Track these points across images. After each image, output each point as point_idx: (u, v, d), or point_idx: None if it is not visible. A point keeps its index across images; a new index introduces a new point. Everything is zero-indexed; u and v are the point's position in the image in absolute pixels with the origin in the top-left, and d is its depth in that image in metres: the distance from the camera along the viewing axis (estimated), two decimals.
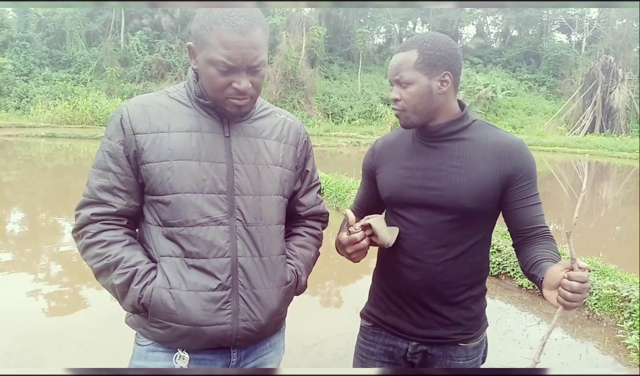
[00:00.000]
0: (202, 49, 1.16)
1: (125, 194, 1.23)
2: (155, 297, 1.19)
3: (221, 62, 1.14)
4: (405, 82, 1.34)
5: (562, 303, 1.11)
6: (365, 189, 1.61)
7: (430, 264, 1.38)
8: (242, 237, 1.24)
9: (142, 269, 1.20)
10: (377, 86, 36.08)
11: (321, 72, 36.27)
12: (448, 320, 1.43)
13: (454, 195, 1.35)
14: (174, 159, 1.20)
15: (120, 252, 1.20)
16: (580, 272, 1.08)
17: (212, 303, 1.20)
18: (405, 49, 1.35)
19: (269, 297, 1.28)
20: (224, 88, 1.17)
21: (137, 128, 1.21)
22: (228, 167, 1.24)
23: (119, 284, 1.19)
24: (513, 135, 1.42)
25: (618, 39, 34.77)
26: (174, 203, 1.20)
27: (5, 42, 32.24)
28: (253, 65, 1.17)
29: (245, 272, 1.24)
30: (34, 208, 8.27)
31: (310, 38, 33.70)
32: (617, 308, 3.82)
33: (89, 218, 1.22)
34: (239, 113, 1.24)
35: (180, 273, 1.20)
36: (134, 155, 1.21)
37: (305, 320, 3.75)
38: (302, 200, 1.45)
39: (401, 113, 1.38)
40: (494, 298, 4.38)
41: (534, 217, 1.36)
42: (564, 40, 43.87)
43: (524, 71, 40.12)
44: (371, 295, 1.60)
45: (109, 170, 1.22)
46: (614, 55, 32.61)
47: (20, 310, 3.78)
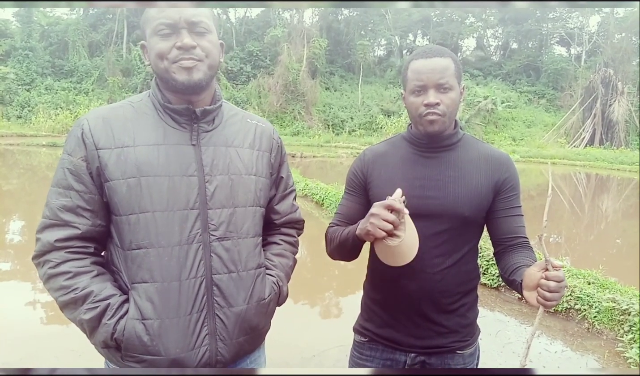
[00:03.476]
0: (146, 30, 1.17)
1: (89, 213, 1.14)
2: (128, 331, 1.11)
3: (160, 23, 1.13)
4: (448, 87, 1.33)
5: (541, 303, 1.16)
6: (353, 201, 1.54)
7: (429, 273, 1.38)
8: (217, 253, 1.18)
9: (114, 303, 1.12)
10: (377, 98, 36.20)
11: (322, 84, 36.42)
12: (446, 328, 1.44)
13: (453, 204, 1.37)
14: (141, 175, 1.12)
15: (89, 285, 1.11)
16: (555, 272, 1.14)
17: (189, 329, 1.15)
18: (441, 55, 1.35)
19: (248, 313, 1.23)
20: (167, 52, 1.13)
21: (100, 143, 1.13)
22: (199, 180, 1.17)
23: (89, 319, 1.10)
24: (499, 149, 1.50)
25: (617, 52, 34.94)
26: (142, 222, 1.12)
27: (8, 51, 32.42)
28: (193, 21, 1.14)
29: (221, 290, 1.18)
30: (34, 217, 8.26)
31: (312, 50, 33.89)
32: (617, 321, 3.81)
33: (51, 245, 1.12)
34: (189, 82, 1.15)
35: (152, 301, 1.13)
36: (97, 171, 1.13)
37: (305, 332, 3.74)
38: (277, 208, 1.40)
39: (439, 118, 1.34)
40: (494, 311, 4.36)
41: (517, 227, 1.43)
42: (564, 53, 44.12)
43: (524, 84, 40.28)
44: (363, 309, 1.58)
45: (70, 189, 1.13)
46: (613, 69, 32.74)
47: (18, 319, 3.77)
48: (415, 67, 1.35)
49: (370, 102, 35.44)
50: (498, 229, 1.44)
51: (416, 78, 1.34)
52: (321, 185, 9.75)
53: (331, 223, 1.59)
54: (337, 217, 1.58)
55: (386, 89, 37.50)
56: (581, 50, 41.79)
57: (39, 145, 20.73)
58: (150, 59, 1.18)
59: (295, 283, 1.51)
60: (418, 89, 1.34)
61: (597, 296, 4.06)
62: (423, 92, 1.34)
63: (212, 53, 1.18)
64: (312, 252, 6.34)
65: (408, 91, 1.38)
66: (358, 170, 1.53)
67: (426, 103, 1.33)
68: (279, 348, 2.93)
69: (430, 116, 1.34)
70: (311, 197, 9.58)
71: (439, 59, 1.34)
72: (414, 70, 1.35)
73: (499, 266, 1.46)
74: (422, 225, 1.38)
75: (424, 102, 1.33)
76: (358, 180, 1.52)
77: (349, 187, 1.56)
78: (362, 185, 1.51)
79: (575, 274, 4.67)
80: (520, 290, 1.27)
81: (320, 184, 9.92)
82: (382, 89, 37.54)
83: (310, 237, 7.44)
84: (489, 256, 4.97)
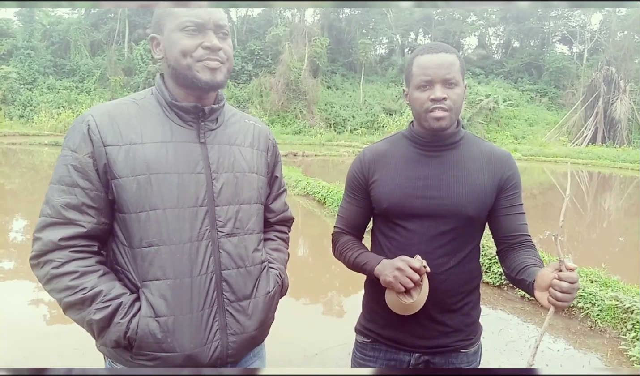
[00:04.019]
0: (166, 24, 1.16)
1: (95, 211, 1.12)
2: (142, 328, 1.11)
3: (188, 20, 1.14)
4: (454, 83, 1.33)
5: (552, 303, 1.16)
6: (354, 205, 1.53)
7: (433, 273, 1.37)
8: (225, 249, 1.20)
9: (126, 301, 1.11)
10: (379, 96, 36.17)
11: (323, 82, 36.41)
12: (450, 327, 1.44)
13: (457, 204, 1.37)
14: (151, 173, 1.12)
15: (97, 284, 1.09)
16: (569, 273, 1.15)
17: (201, 324, 1.16)
18: (447, 51, 1.34)
19: (256, 307, 1.26)
20: (193, 50, 1.15)
21: (108, 139, 1.11)
22: (207, 178, 1.19)
23: (99, 319, 1.09)
24: (501, 147, 1.50)
25: (619, 50, 34.83)
26: (153, 220, 1.12)
27: (10, 51, 32.48)
28: (220, 23, 1.17)
29: (230, 285, 1.20)
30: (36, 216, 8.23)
31: (313, 48, 33.87)
32: (620, 320, 3.80)
33: (55, 244, 1.09)
34: (213, 82, 1.17)
35: (165, 298, 1.13)
36: (104, 168, 1.11)
37: (307, 330, 3.74)
38: (272, 206, 1.43)
39: (446, 113, 1.33)
40: (496, 309, 4.36)
41: (519, 224, 1.43)
42: (566, 52, 44.01)
43: (526, 82, 40.19)
44: (365, 309, 1.58)
45: (75, 186, 1.10)
46: (615, 67, 32.65)
47: (21, 318, 3.78)
48: (421, 62, 1.34)
49: (372, 101, 35.43)
50: (501, 227, 1.44)
51: (422, 73, 1.33)
52: (323, 184, 9.75)
53: (336, 227, 1.59)
54: (340, 222, 1.57)
55: (388, 87, 37.47)
56: (583, 48, 41.70)
57: (41, 144, 20.77)
58: (167, 53, 1.18)
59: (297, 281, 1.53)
60: (424, 84, 1.33)
61: (599, 295, 4.05)
62: (430, 87, 1.33)
63: (231, 57, 1.22)
64: (314, 251, 6.34)
65: (413, 86, 1.36)
66: (358, 172, 1.50)
67: (432, 98, 1.31)
68: (281, 347, 2.93)
69: (437, 112, 1.32)
70: (313, 195, 9.58)
71: (445, 55, 1.33)
72: (420, 65, 1.34)
73: (503, 264, 1.46)
74: (426, 225, 1.39)
75: (430, 97, 1.32)
76: (358, 182, 1.50)
77: (350, 189, 1.54)
78: (363, 187, 1.49)
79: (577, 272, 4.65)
80: (531, 290, 1.26)
81: (322, 183, 9.91)
82: (384, 87, 37.50)
83: (312, 235, 7.46)
84: (491, 254, 4.96)
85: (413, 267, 1.27)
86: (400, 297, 1.30)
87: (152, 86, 1.26)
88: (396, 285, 1.28)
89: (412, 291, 1.30)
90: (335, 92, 37.11)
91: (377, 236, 1.51)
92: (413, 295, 1.29)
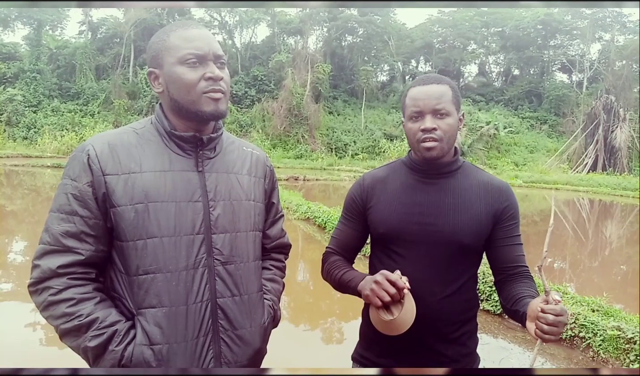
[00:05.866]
0: (165, 58, 1.18)
1: (93, 239, 1.13)
2: (136, 356, 1.11)
3: (189, 54, 1.15)
4: (445, 113, 1.35)
5: (539, 335, 1.16)
6: (350, 227, 1.55)
7: (429, 301, 1.37)
8: (221, 276, 1.20)
9: (121, 329, 1.12)
10: (380, 122, 36.44)
11: (325, 108, 36.74)
12: (446, 357, 1.42)
13: (451, 231, 1.37)
14: (149, 201, 1.13)
15: (93, 311, 1.10)
16: (553, 305, 1.14)
17: (195, 353, 1.16)
18: (438, 82, 1.38)
19: (251, 336, 1.25)
20: (197, 82, 1.16)
21: (107, 168, 1.13)
22: (204, 206, 1.19)
23: (94, 346, 1.09)
24: (499, 178, 1.51)
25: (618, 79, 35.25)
26: (150, 248, 1.13)
27: (16, 73, 32.89)
28: (218, 54, 1.19)
29: (226, 313, 1.20)
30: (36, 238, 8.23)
31: (315, 74, 34.27)
32: (623, 350, 3.75)
33: (53, 271, 1.10)
34: (216, 113, 1.19)
35: (160, 326, 1.13)
36: (103, 197, 1.13)
37: (306, 356, 3.69)
38: (268, 233, 1.43)
39: (437, 143, 1.35)
40: (497, 338, 4.31)
41: (517, 255, 1.43)
42: (565, 80, 44.50)
43: (526, 109, 40.49)
44: (362, 337, 1.57)
45: (75, 214, 1.12)
46: (614, 95, 32.96)
47: (17, 341, 3.75)
48: (413, 93, 1.39)
49: (373, 126, 35.68)
50: (498, 258, 1.45)
51: (413, 104, 1.37)
52: (324, 208, 9.73)
53: (328, 247, 1.60)
54: (333, 243, 1.59)
55: (389, 113, 37.78)
56: (582, 77, 42.16)
57: (43, 166, 20.87)
58: (169, 87, 1.19)
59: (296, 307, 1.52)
60: (415, 115, 1.37)
61: (601, 324, 4.00)
62: (420, 118, 1.36)
63: (229, 85, 1.24)
64: (313, 276, 6.29)
65: (406, 118, 1.41)
66: (357, 196, 1.52)
67: (423, 129, 1.35)
68: None
69: (427, 142, 1.35)
70: (313, 220, 9.56)
71: (436, 86, 1.37)
72: (412, 97, 1.39)
73: (500, 295, 1.46)
74: (422, 252, 1.39)
75: (421, 128, 1.35)
76: (357, 205, 1.52)
77: (347, 212, 1.56)
78: (361, 210, 1.51)
79: (579, 301, 4.61)
80: (524, 321, 1.27)
81: (323, 207, 9.90)
82: (385, 113, 37.82)
83: (312, 260, 7.42)
84: (491, 282, 4.91)
85: (390, 279, 1.25)
86: (380, 313, 1.27)
87: (154, 110, 1.28)
88: (373, 299, 1.27)
89: (392, 308, 1.27)
90: (336, 117, 37.42)
91: (374, 263, 1.52)
92: (394, 312, 1.26)
